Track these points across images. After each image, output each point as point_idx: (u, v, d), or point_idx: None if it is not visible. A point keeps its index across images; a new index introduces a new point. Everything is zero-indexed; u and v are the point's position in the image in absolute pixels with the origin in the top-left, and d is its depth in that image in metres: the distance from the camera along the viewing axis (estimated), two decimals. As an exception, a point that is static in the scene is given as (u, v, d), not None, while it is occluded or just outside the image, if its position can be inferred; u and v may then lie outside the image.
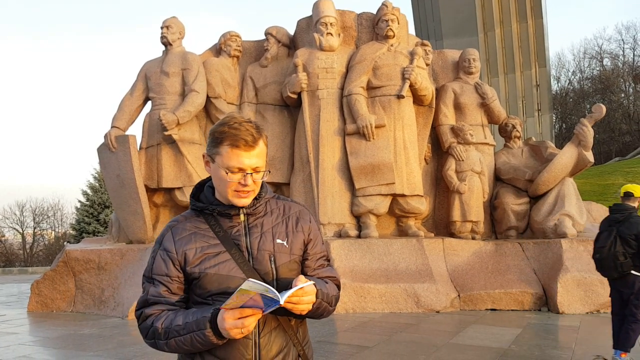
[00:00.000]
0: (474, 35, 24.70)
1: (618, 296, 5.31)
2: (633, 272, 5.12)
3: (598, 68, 45.89)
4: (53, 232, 34.62)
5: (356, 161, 9.36)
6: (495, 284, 8.64)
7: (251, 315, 1.54)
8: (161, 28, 9.97)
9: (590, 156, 9.65)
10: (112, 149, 9.52)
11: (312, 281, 1.64)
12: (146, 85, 10.04)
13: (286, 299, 1.53)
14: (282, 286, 1.67)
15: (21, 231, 32.64)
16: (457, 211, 9.89)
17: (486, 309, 8.51)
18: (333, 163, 9.47)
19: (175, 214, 9.62)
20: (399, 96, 9.51)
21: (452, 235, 9.90)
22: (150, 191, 9.66)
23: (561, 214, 9.37)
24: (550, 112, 27.08)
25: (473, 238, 9.79)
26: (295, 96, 9.78)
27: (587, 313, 8.11)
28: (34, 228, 33.22)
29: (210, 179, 1.81)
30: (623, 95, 43.20)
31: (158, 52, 10.49)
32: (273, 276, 1.71)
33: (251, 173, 1.67)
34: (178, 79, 9.80)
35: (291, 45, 10.61)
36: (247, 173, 1.67)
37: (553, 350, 5.82)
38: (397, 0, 10.75)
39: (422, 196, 9.76)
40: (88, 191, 26.08)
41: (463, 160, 10.04)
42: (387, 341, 6.19)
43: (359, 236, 9.19)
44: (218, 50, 10.52)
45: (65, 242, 23.05)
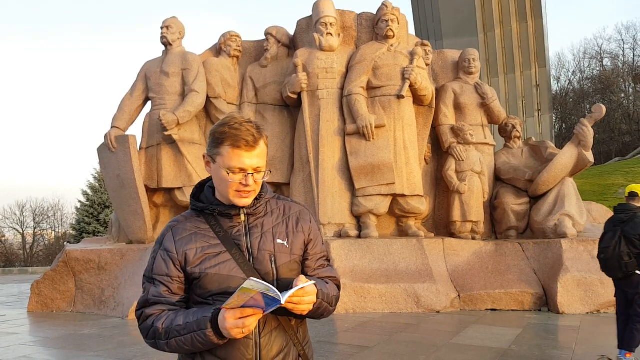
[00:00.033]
0: (474, 35, 24.69)
1: (623, 296, 5.33)
2: (638, 272, 5.14)
3: (598, 68, 45.89)
4: (53, 232, 34.67)
5: (356, 161, 9.36)
6: (495, 284, 8.64)
7: (252, 315, 1.54)
8: (161, 28, 9.97)
9: (590, 156, 9.65)
10: (112, 149, 9.52)
11: (313, 281, 1.65)
12: (146, 85, 10.04)
13: (287, 299, 1.53)
14: (283, 286, 1.67)
15: (21, 231, 32.68)
16: (457, 211, 9.89)
17: (486, 309, 8.51)
18: (333, 163, 9.47)
19: (175, 214, 9.62)
20: (399, 96, 9.51)
21: (452, 235, 9.90)
22: (150, 191, 9.66)
23: (561, 214, 9.37)
24: (550, 112, 27.08)
25: (473, 238, 9.79)
26: (295, 96, 9.78)
27: (588, 313, 8.11)
28: (34, 228, 33.28)
29: (210, 179, 1.81)
30: (623, 95, 43.18)
31: (158, 52, 10.50)
32: (274, 276, 1.71)
33: (252, 173, 1.67)
34: (178, 79, 9.80)
35: (291, 45, 10.61)
36: (249, 173, 1.67)
37: (553, 350, 5.82)
38: (397, 0, 10.75)
39: (422, 196, 9.76)
40: (88, 191, 26.10)
41: (463, 160, 10.04)
42: (387, 341, 6.19)
43: (359, 236, 9.19)
44: (218, 50, 10.51)
45: (65, 242, 23.03)
